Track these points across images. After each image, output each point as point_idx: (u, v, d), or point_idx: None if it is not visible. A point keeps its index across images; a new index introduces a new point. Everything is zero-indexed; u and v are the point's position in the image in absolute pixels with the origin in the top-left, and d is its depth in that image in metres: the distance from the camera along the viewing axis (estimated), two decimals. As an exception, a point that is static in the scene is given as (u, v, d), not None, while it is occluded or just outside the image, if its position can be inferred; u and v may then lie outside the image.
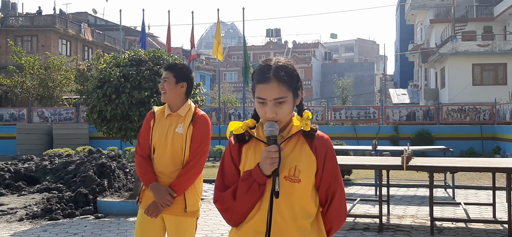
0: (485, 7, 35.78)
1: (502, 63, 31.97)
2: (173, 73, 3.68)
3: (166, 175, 3.57)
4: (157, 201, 3.50)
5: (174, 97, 3.66)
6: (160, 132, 3.62)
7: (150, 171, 3.59)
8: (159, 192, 3.50)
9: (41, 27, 39.00)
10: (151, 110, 3.77)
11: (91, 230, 7.50)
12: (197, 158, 3.57)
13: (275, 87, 2.13)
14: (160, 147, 3.60)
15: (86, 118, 9.76)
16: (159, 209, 3.51)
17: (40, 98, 29.96)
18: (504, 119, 21.90)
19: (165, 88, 3.65)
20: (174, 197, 3.50)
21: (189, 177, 3.54)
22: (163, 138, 3.59)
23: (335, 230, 2.28)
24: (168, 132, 3.60)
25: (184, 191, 3.55)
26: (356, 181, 13.37)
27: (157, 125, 3.66)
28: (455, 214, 8.81)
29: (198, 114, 3.66)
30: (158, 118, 3.69)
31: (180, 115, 3.65)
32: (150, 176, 3.58)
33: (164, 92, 3.66)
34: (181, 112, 3.65)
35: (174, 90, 3.65)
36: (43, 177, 12.24)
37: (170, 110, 3.68)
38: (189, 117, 3.63)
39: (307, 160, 2.18)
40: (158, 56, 9.38)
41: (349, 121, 24.57)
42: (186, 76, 3.71)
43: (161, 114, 3.71)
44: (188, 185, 3.55)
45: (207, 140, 3.64)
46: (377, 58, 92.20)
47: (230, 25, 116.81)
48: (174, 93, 3.66)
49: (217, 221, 7.93)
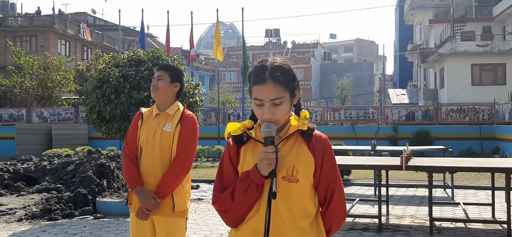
0: (484, 7, 35.80)
1: (501, 63, 31.99)
2: (168, 73, 3.72)
3: (154, 174, 3.56)
4: (142, 205, 3.50)
5: (166, 96, 3.68)
6: (148, 131, 3.62)
7: (136, 174, 3.59)
8: (143, 197, 3.50)
9: (40, 27, 38.98)
10: (139, 111, 3.77)
11: (90, 231, 7.49)
12: (184, 154, 3.56)
13: (271, 87, 2.13)
14: (148, 146, 3.60)
15: (85, 119, 9.77)
16: (147, 212, 3.51)
17: (39, 99, 29.94)
18: (503, 119, 21.91)
19: (159, 86, 3.67)
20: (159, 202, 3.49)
21: (177, 174, 3.53)
22: (151, 137, 3.60)
23: (334, 230, 2.28)
24: (156, 131, 3.61)
25: (172, 191, 3.54)
26: (355, 181, 13.37)
27: (145, 124, 3.67)
28: (454, 214, 8.81)
29: (186, 114, 3.69)
30: (146, 118, 3.70)
31: (169, 114, 3.66)
32: (136, 179, 3.58)
33: (156, 90, 3.68)
34: (169, 112, 3.67)
35: (168, 89, 3.68)
36: (42, 178, 12.23)
37: (159, 110, 3.70)
38: (178, 116, 3.65)
39: (305, 159, 2.18)
40: (157, 56, 9.38)
41: (348, 121, 24.58)
42: (180, 78, 3.76)
43: (149, 114, 3.73)
44: (176, 184, 3.54)
45: (194, 138, 3.64)
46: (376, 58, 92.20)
47: (229, 25, 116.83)
48: (167, 92, 3.68)
49: (216, 222, 7.93)
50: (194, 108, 9.42)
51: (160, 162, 3.57)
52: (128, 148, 3.68)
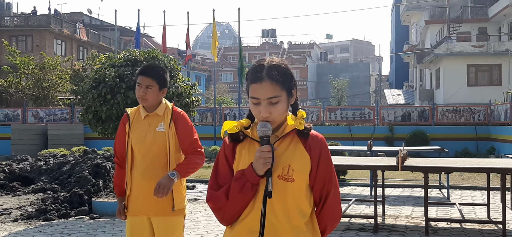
0: (480, 8, 35.91)
1: (497, 64, 32.10)
2: (156, 80, 3.59)
3: (150, 178, 3.52)
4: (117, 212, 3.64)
5: (155, 103, 3.64)
6: (139, 134, 3.58)
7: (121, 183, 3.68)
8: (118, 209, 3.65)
9: (36, 27, 38.88)
10: (125, 113, 3.71)
11: (86, 231, 7.48)
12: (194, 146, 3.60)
13: (268, 86, 2.13)
14: (140, 149, 3.56)
15: (81, 119, 9.74)
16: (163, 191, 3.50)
17: (35, 98, 29.85)
18: (498, 119, 21.97)
19: (148, 97, 3.57)
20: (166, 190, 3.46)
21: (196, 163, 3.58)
22: (143, 140, 3.56)
23: (329, 230, 2.28)
24: (148, 132, 3.57)
25: (190, 174, 3.57)
26: (351, 181, 13.39)
27: (134, 127, 3.62)
28: (450, 215, 8.84)
29: (176, 110, 3.66)
30: (134, 120, 3.64)
31: (158, 114, 3.62)
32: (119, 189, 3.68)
33: (145, 100, 3.58)
34: (158, 112, 3.62)
35: (157, 97, 3.61)
36: (38, 178, 12.20)
37: (146, 111, 3.64)
38: (168, 115, 3.61)
39: (301, 159, 2.18)
40: (153, 56, 9.37)
41: (344, 122, 24.60)
42: (167, 82, 3.68)
43: (137, 115, 3.66)
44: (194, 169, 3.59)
45: (194, 130, 3.67)
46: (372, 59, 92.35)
47: (226, 26, 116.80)
48: (156, 100, 3.62)
49: (212, 222, 7.92)
50: (190, 108, 9.42)
51: (154, 163, 3.54)
52: (117, 155, 3.71)
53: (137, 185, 3.56)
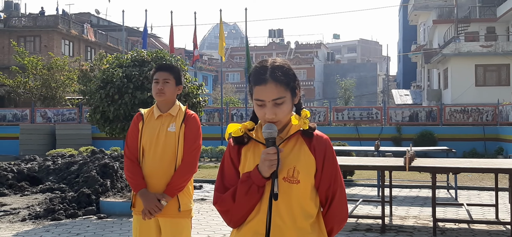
0: (488, 8, 35.71)
1: (505, 64, 31.91)
2: (173, 75, 3.68)
3: (158, 175, 3.55)
4: (145, 207, 3.50)
5: (171, 99, 3.67)
6: (151, 133, 3.60)
7: (140, 177, 3.58)
8: (147, 200, 3.50)
9: (44, 28, 39.07)
10: (138, 112, 3.73)
11: (93, 231, 7.51)
12: (191, 154, 3.58)
13: (273, 88, 2.13)
14: (151, 148, 3.58)
15: (89, 119, 9.78)
16: (149, 215, 3.51)
17: (43, 99, 30.02)
18: (507, 120, 21.85)
19: (166, 91, 3.63)
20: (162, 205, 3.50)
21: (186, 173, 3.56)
22: (155, 139, 3.58)
23: (336, 231, 2.27)
24: (160, 132, 3.59)
25: (182, 190, 3.56)
26: (358, 182, 13.36)
27: (147, 126, 3.64)
28: (457, 215, 8.80)
29: (189, 113, 3.68)
30: (147, 120, 3.67)
31: (172, 114, 3.65)
32: (139, 182, 3.57)
33: (163, 94, 3.63)
34: (172, 112, 3.65)
35: (173, 92, 3.67)
36: (46, 177, 12.25)
37: (160, 111, 3.67)
38: (181, 116, 3.64)
39: (305, 160, 2.17)
40: (161, 56, 9.39)
41: (351, 122, 24.56)
42: (182, 80, 3.77)
43: (150, 115, 3.69)
44: (186, 182, 3.57)
45: (199, 137, 3.66)
46: (379, 59, 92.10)
47: (233, 26, 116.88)
48: (173, 96, 3.67)
49: (219, 222, 7.93)
50: (197, 108, 9.43)
51: (165, 163, 3.56)
52: (129, 150, 3.65)
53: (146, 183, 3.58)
